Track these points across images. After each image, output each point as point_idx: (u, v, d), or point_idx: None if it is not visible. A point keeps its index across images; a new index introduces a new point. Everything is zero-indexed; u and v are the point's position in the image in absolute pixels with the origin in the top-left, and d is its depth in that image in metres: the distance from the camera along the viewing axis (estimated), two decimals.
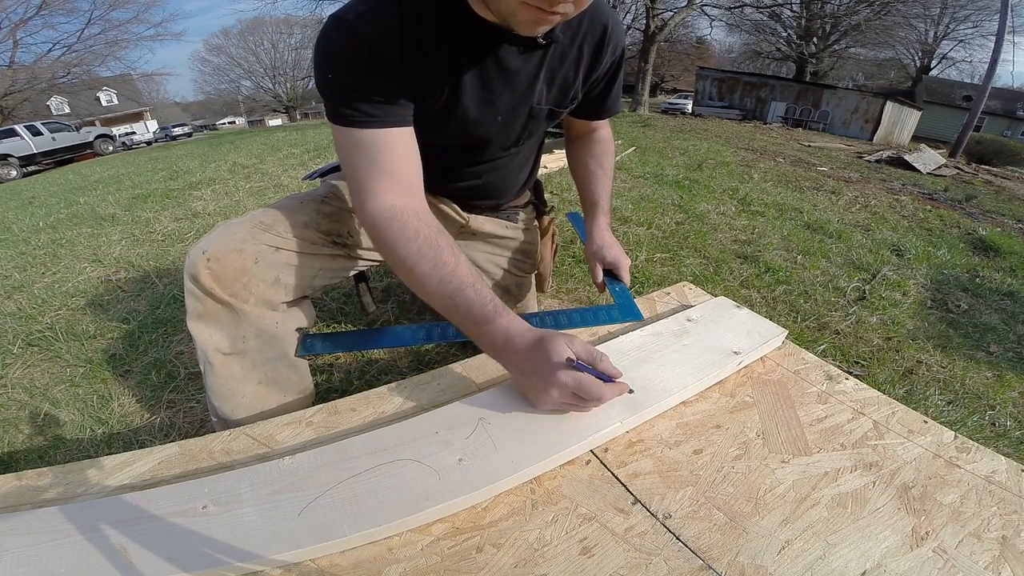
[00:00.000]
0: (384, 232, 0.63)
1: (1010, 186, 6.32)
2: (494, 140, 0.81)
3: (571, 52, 0.76)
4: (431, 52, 0.65)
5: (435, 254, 0.62)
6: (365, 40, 0.61)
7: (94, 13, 21.98)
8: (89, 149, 13.64)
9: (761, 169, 4.25)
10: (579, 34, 0.74)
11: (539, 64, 0.73)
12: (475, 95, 0.71)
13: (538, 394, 0.56)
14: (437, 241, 0.63)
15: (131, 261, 2.07)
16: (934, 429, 0.60)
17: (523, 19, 0.56)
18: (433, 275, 0.61)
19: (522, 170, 0.99)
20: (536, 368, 0.56)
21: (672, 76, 37.31)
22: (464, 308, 0.60)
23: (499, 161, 0.89)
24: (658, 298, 0.89)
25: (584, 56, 0.77)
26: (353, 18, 0.61)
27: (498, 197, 1.00)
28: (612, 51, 0.80)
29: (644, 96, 14.95)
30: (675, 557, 0.44)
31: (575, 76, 0.79)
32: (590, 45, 0.76)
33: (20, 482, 0.52)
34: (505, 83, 0.72)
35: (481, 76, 0.70)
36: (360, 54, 0.62)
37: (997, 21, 11.54)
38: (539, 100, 0.78)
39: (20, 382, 1.27)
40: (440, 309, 0.63)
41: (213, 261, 0.66)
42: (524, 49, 0.70)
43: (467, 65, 0.68)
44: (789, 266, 2.00)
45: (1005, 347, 1.61)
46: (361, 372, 1.24)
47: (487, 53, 0.68)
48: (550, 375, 0.54)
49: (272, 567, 0.43)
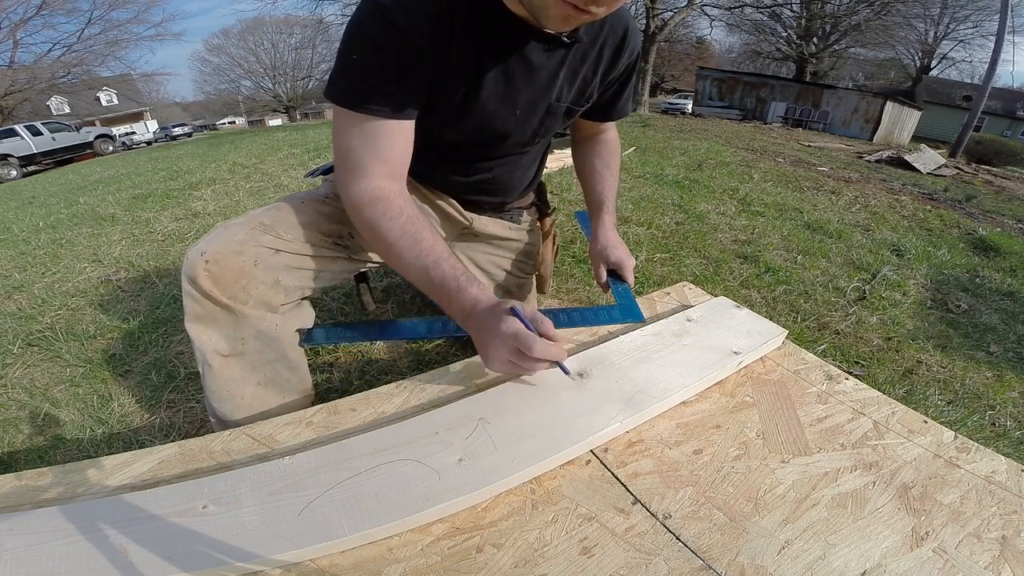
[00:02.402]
0: (370, 210, 0.66)
1: (1010, 186, 6.32)
2: (512, 135, 0.81)
3: (592, 52, 0.77)
4: (458, 43, 0.66)
5: (415, 231, 0.66)
6: (400, 28, 0.62)
7: (94, 13, 22.00)
8: (89, 149, 13.63)
9: (761, 169, 4.24)
10: (601, 35, 0.76)
11: (561, 62, 0.74)
12: (496, 89, 0.72)
13: (486, 350, 0.60)
14: (417, 221, 0.67)
15: (131, 261, 2.07)
16: (934, 429, 0.60)
17: (554, 15, 0.57)
18: (412, 250, 0.66)
19: (531, 167, 0.99)
20: (489, 324, 0.60)
21: (672, 76, 37.31)
22: (438, 280, 0.65)
23: (511, 157, 0.89)
24: (658, 298, 0.89)
25: (604, 57, 0.79)
26: (390, 3, 0.61)
27: (504, 195, 0.99)
28: (629, 54, 0.82)
29: (644, 96, 14.95)
30: (675, 557, 0.44)
31: (593, 76, 0.80)
32: (611, 47, 0.78)
33: (20, 482, 0.52)
34: (527, 78, 0.73)
35: (504, 70, 0.71)
36: (392, 41, 0.62)
37: (997, 21, 11.53)
38: (558, 97, 0.78)
39: (20, 382, 1.27)
40: (416, 282, 0.67)
41: (212, 263, 0.66)
42: (548, 47, 0.70)
43: (491, 58, 0.69)
44: (789, 266, 2.00)
45: (1005, 347, 1.61)
46: (361, 372, 1.24)
47: (512, 47, 0.69)
48: (496, 327, 0.59)
49: (272, 567, 0.43)
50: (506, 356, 0.58)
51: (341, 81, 0.65)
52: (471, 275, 0.66)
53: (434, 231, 0.68)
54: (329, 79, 0.67)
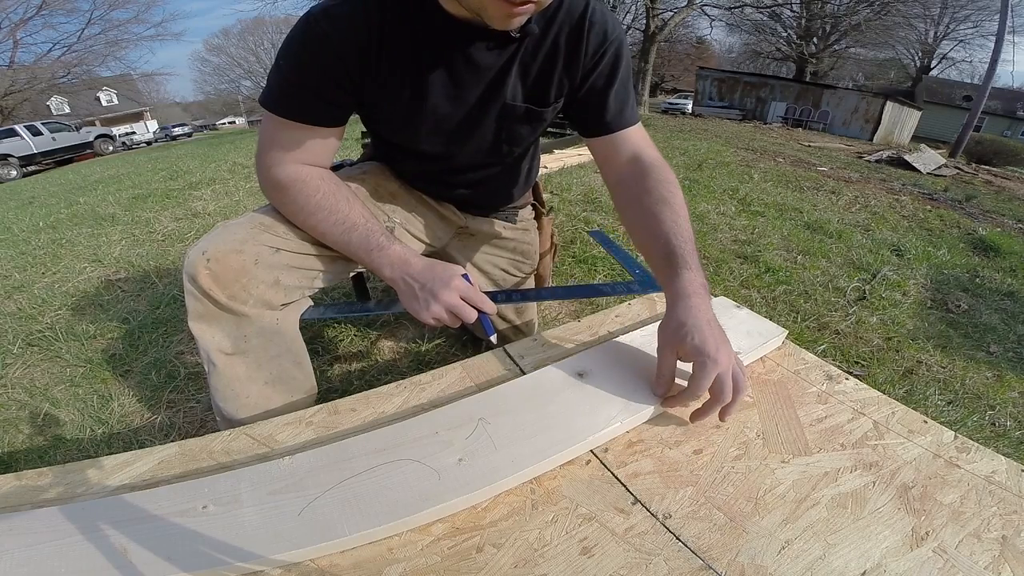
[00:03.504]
0: (289, 191, 0.70)
1: (1010, 186, 6.32)
2: (472, 139, 0.79)
3: (545, 44, 0.71)
4: (390, 49, 0.66)
5: (331, 204, 0.70)
6: (323, 37, 0.63)
7: (94, 13, 22.04)
8: (89, 149, 13.65)
9: (761, 169, 4.25)
10: (555, 23, 0.70)
11: (511, 59, 0.71)
12: (444, 91, 0.71)
13: (426, 301, 0.68)
14: (335, 194, 0.71)
15: (131, 261, 2.07)
16: (934, 429, 0.60)
17: (494, 13, 0.56)
18: (329, 219, 0.70)
19: (513, 184, 0.98)
20: (434, 276, 0.68)
21: (672, 76, 37.30)
22: (358, 242, 0.70)
23: (486, 172, 0.88)
24: (658, 298, 0.89)
25: (561, 47, 0.71)
26: (318, 12, 0.63)
27: (492, 205, 1.01)
28: (597, 42, 0.72)
29: (644, 96, 14.96)
30: (675, 557, 0.44)
31: (552, 70, 0.73)
32: (567, 35, 0.71)
33: (20, 482, 0.52)
34: (475, 78, 0.71)
35: (448, 71, 0.69)
36: (317, 51, 0.63)
37: (997, 21, 11.54)
38: (512, 97, 0.74)
39: (20, 382, 1.27)
40: (339, 248, 0.72)
41: (212, 262, 0.66)
42: (493, 44, 0.68)
43: (432, 60, 0.68)
44: (789, 266, 2.00)
45: (1005, 347, 1.61)
46: (361, 372, 1.24)
47: (454, 48, 0.67)
48: (449, 280, 0.68)
49: (272, 567, 0.43)
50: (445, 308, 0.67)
51: (269, 84, 0.68)
52: (391, 235, 0.72)
53: (351, 200, 0.72)
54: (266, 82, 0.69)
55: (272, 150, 0.70)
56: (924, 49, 27.96)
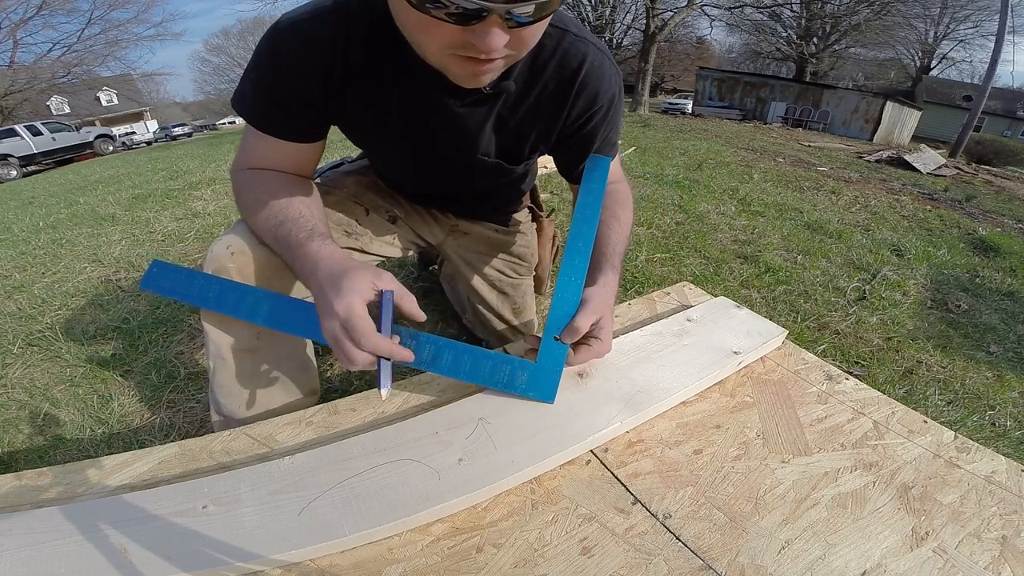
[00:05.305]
0: (241, 184, 0.67)
1: (1010, 186, 6.32)
2: (439, 183, 0.79)
3: (528, 99, 0.67)
4: (359, 79, 0.63)
5: (269, 198, 0.64)
6: (288, 55, 0.60)
7: (94, 13, 22.05)
8: (89, 149, 13.63)
9: (761, 169, 4.25)
10: (542, 77, 0.65)
11: (487, 113, 0.67)
12: (411, 137, 0.70)
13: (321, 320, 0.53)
14: (278, 191, 0.65)
15: (131, 261, 2.07)
16: (934, 429, 0.60)
17: (458, 73, 0.52)
18: (263, 213, 0.63)
19: (498, 202, 0.98)
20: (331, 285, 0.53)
21: (672, 76, 37.30)
22: (283, 238, 0.61)
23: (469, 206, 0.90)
24: (658, 298, 0.89)
25: (543, 106, 0.68)
26: (285, 25, 0.60)
27: (485, 221, 1.02)
28: (584, 105, 0.69)
29: (644, 96, 14.96)
30: (675, 557, 0.44)
31: (531, 128, 0.71)
32: (551, 93, 0.67)
33: (20, 482, 0.52)
34: (446, 132, 0.68)
35: (417, 120, 0.67)
36: (282, 70, 0.61)
37: (997, 21, 11.54)
38: (485, 151, 0.72)
39: (20, 382, 1.27)
40: (270, 244, 0.64)
41: (238, 255, 0.66)
42: (469, 99, 0.64)
43: (399, 106, 0.66)
44: (789, 266, 2.00)
45: (1005, 347, 1.61)
46: (361, 372, 1.24)
47: (425, 97, 0.64)
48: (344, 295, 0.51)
49: (272, 567, 0.43)
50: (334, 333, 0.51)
51: (246, 92, 0.65)
52: (318, 229, 0.61)
53: (292, 192, 0.65)
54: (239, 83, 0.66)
55: (250, 154, 0.69)
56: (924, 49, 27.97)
